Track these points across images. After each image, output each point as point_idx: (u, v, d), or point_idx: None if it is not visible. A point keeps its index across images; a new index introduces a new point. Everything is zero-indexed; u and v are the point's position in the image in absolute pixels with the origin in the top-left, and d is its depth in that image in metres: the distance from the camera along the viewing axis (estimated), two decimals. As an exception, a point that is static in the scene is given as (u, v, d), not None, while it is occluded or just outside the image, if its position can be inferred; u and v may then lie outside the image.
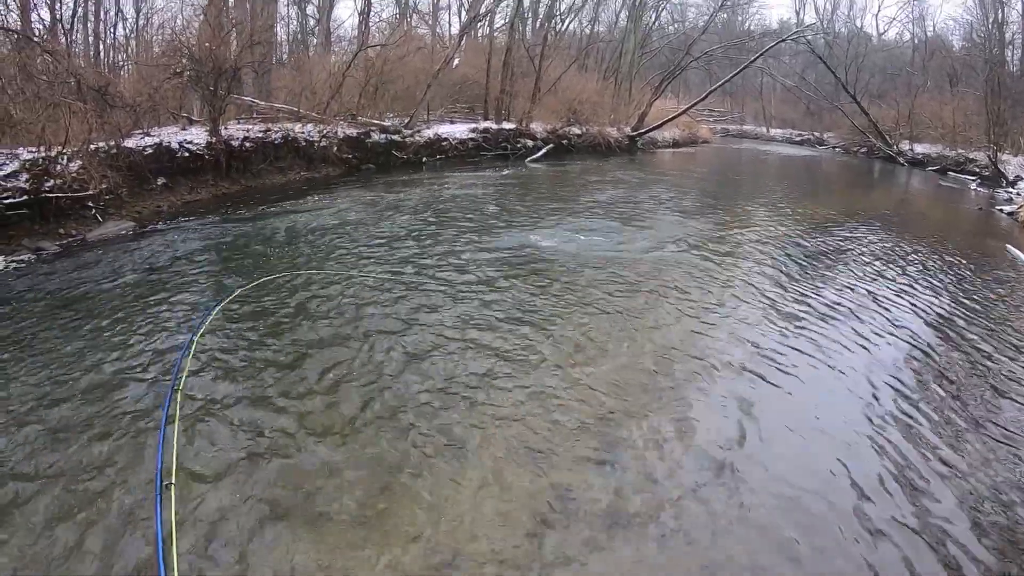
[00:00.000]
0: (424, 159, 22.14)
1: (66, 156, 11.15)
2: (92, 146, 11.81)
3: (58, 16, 16.68)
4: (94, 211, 11.18)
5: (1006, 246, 13.02)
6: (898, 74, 49.42)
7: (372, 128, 21.11)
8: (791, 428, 5.21)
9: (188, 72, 16.35)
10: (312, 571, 3.54)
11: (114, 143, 12.60)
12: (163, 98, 15.75)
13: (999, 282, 10.33)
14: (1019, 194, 20.94)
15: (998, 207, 19.41)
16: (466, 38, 31.03)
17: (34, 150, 10.90)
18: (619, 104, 36.62)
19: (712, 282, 9.22)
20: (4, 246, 9.49)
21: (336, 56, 25.89)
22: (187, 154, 14.39)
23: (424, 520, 3.94)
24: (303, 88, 20.14)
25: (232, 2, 22.19)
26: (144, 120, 14.75)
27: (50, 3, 16.06)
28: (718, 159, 35.95)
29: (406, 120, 23.02)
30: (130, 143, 13.20)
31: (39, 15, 15.75)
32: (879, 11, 71.83)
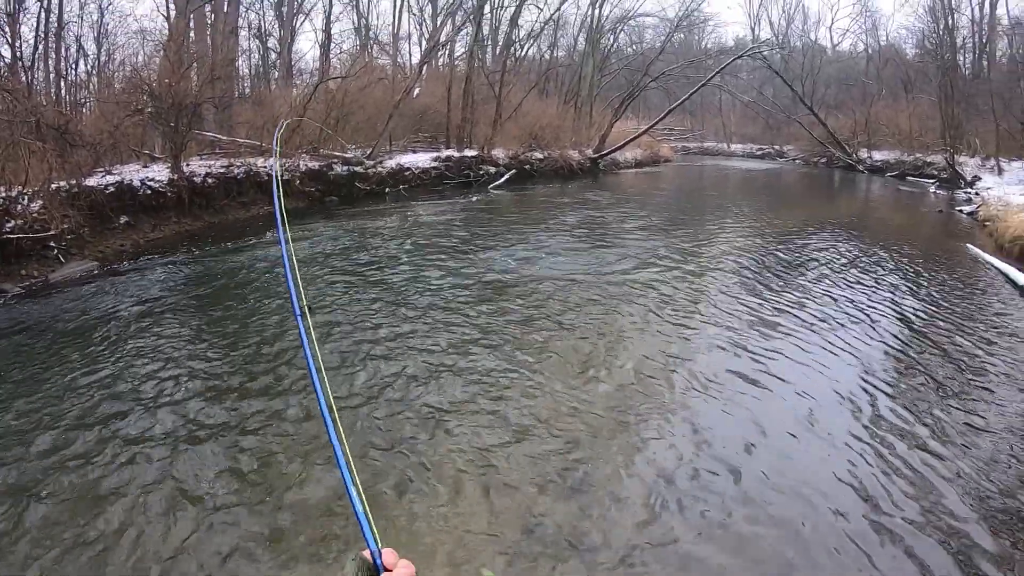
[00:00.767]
0: (387, 189, 22.26)
1: (27, 196, 11.13)
2: (53, 185, 11.79)
3: (19, 54, 16.62)
4: (56, 252, 11.11)
5: (967, 246, 13.50)
6: (853, 84, 50.81)
7: (334, 160, 21.22)
8: (769, 434, 5.35)
9: (149, 108, 16.38)
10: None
11: (75, 182, 12.56)
12: (124, 135, 15.71)
13: (962, 281, 10.74)
14: (977, 194, 21.61)
15: (958, 208, 20.14)
16: (426, 67, 31.42)
17: (-7, 190, 10.87)
18: (580, 127, 37.17)
19: (682, 298, 9.41)
20: (-35, 289, 9.46)
21: (298, 89, 26.05)
22: (149, 192, 14.38)
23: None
24: (265, 122, 20.21)
25: (193, 36, 22.32)
26: (105, 158, 14.70)
27: (10, 41, 16.00)
28: (680, 177, 36.52)
29: (368, 151, 23.17)
30: (91, 182, 13.16)
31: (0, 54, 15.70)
32: (832, 23, 73.88)
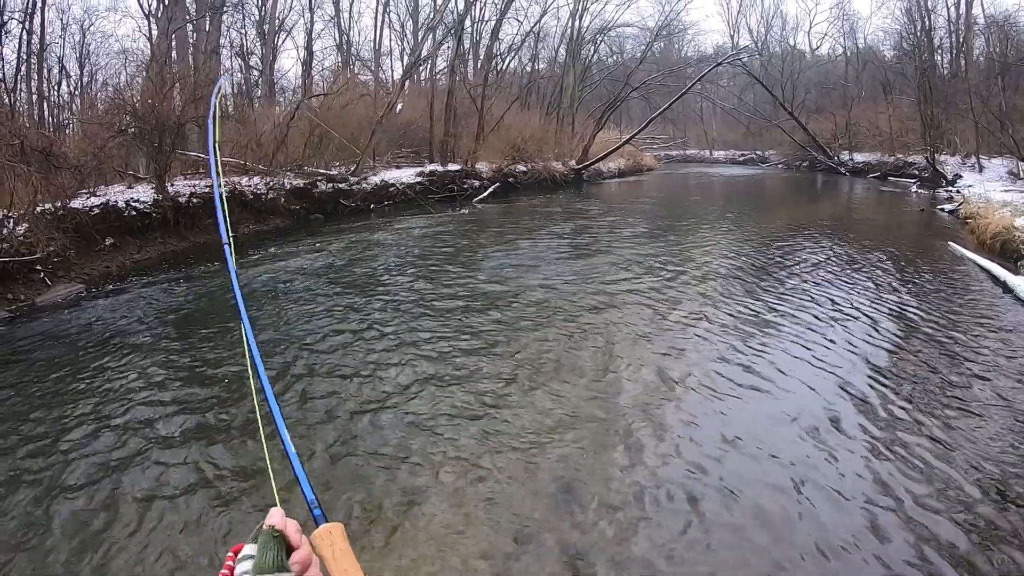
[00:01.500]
0: (372, 206, 22.35)
1: (12, 220, 11.16)
2: (38, 208, 11.83)
3: (0, 76, 16.65)
4: (42, 274, 11.14)
5: (949, 243, 13.74)
6: (833, 87, 51.27)
7: (318, 178, 21.30)
8: (761, 435, 5.41)
9: (132, 129, 16.41)
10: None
11: (60, 204, 12.61)
12: (108, 156, 15.76)
13: (945, 278, 10.93)
14: (959, 192, 21.94)
15: (939, 207, 20.43)
16: (408, 82, 31.51)
17: (-21, 214, 10.91)
18: (563, 138, 37.44)
19: (671, 304, 9.49)
20: (-46, 314, 9.49)
21: (280, 107, 26.16)
22: (134, 212, 14.43)
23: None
24: (248, 140, 20.27)
25: (175, 56, 22.39)
26: (90, 179, 14.76)
27: (-8, 63, 16.07)
28: (664, 185, 36.75)
29: (352, 168, 23.26)
30: (76, 203, 13.20)
31: (-18, 76, 15.75)
32: (811, 28, 74.41)
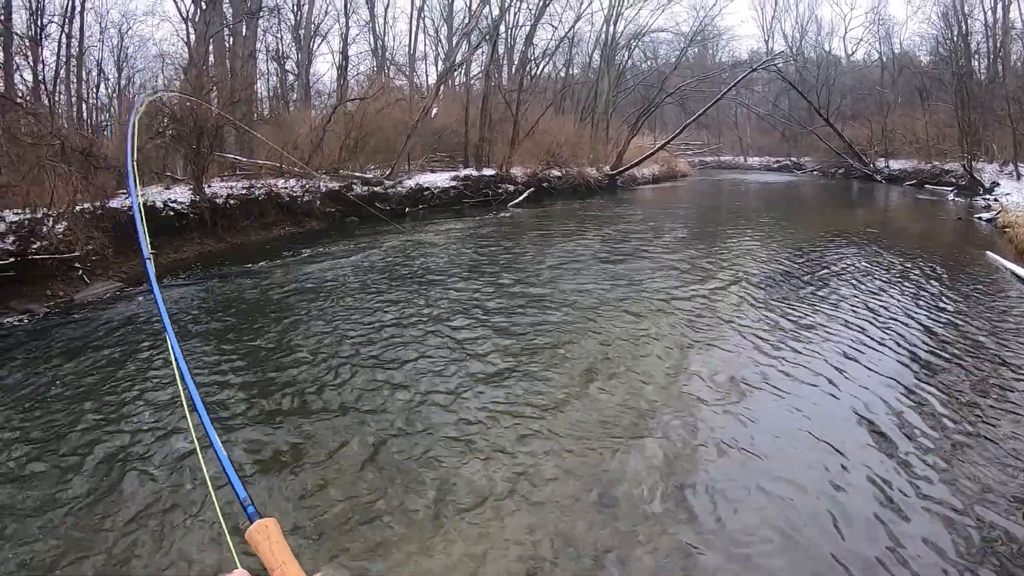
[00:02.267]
0: (407, 209, 22.23)
1: (52, 218, 11.21)
2: (77, 207, 11.87)
3: (40, 78, 16.82)
4: (81, 272, 11.17)
5: (986, 253, 13.26)
6: (869, 93, 50.22)
7: (354, 181, 21.27)
8: (796, 442, 5.29)
9: (171, 131, 16.49)
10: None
11: (99, 204, 12.67)
12: (146, 157, 15.82)
13: (982, 288, 10.55)
14: (996, 200, 21.36)
15: (976, 215, 19.85)
16: (443, 87, 31.46)
17: (20, 212, 10.97)
18: (597, 144, 37.10)
19: (709, 310, 9.28)
20: (-7, 308, 9.53)
21: (316, 111, 26.21)
22: (172, 213, 14.45)
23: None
24: (285, 143, 20.30)
25: (212, 60, 22.53)
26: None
27: (32, 65, 16.21)
28: (699, 192, 36.34)
29: (387, 171, 23.22)
30: (115, 203, 13.23)
31: (22, 77, 15.90)
32: (846, 33, 73.01)
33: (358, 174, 21.99)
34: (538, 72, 37.31)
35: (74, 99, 20.28)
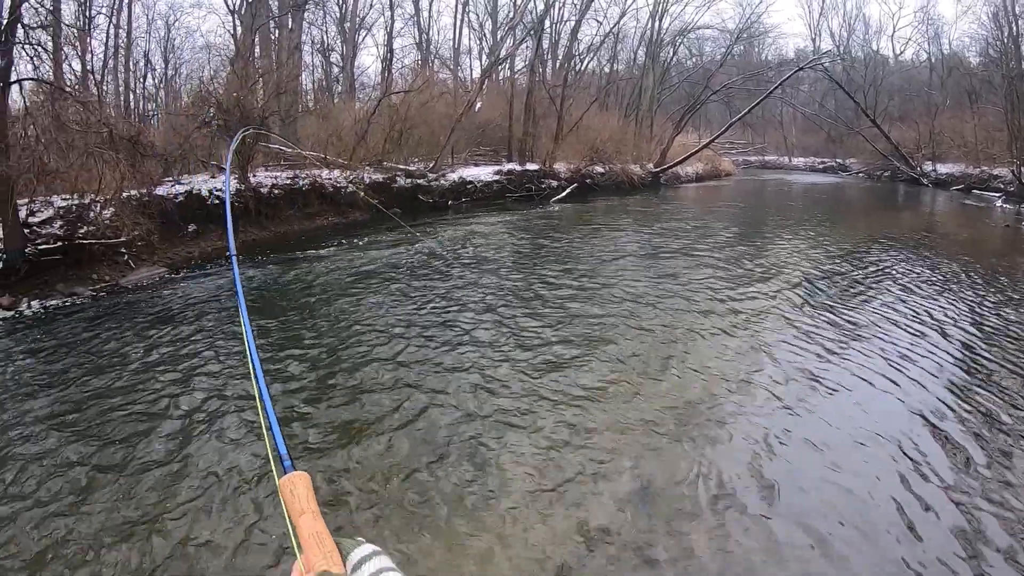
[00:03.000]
0: (450, 202, 22.11)
1: (99, 204, 11.27)
2: (124, 194, 11.90)
3: (89, 67, 16.96)
4: (127, 257, 11.25)
5: None
6: (917, 95, 48.73)
7: (398, 173, 21.17)
8: (835, 446, 5.13)
9: (218, 121, 16.52)
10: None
11: (145, 191, 12.73)
12: (192, 147, 15.91)
13: None
14: (1047, 208, 20.63)
15: (1024, 223, 19.15)
16: (487, 82, 31.27)
17: (68, 198, 11.06)
18: (641, 141, 36.62)
19: (753, 311, 9.08)
20: (39, 291, 9.60)
21: (360, 103, 26.23)
22: (216, 201, 14.43)
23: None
24: (329, 135, 20.30)
25: (258, 52, 22.61)
26: (174, 168, 14.90)
27: (81, 55, 16.34)
28: (744, 191, 35.64)
29: (431, 164, 23.13)
30: (161, 191, 13.33)
31: (70, 66, 16.00)
32: (894, 32, 71.10)
33: (402, 166, 21.88)
34: (582, 68, 36.94)
35: (121, 88, 20.47)
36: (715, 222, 19.71)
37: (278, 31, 25.16)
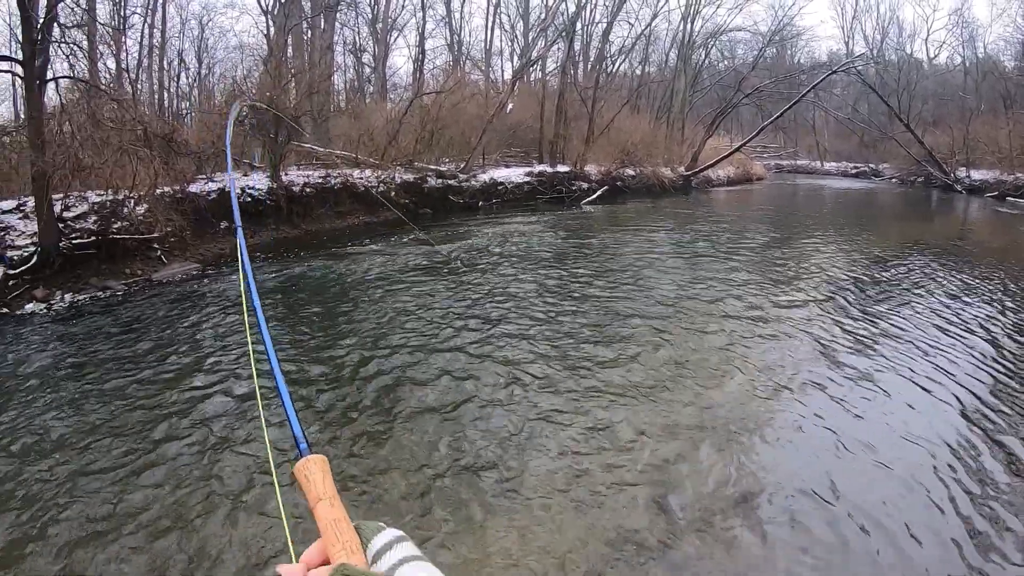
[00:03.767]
0: (480, 203, 21.97)
1: (133, 200, 11.33)
2: (158, 191, 11.96)
3: (124, 66, 17.10)
4: (159, 252, 11.31)
5: None
6: (951, 99, 47.63)
7: (428, 173, 21.11)
8: (862, 454, 4.97)
9: (251, 120, 16.57)
10: None
11: (179, 188, 12.79)
12: (225, 145, 15.92)
13: None
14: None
15: (1060, 231, 18.67)
16: (518, 83, 31.18)
17: (102, 193, 11.12)
18: (672, 144, 36.28)
19: (786, 315, 8.91)
20: (72, 284, 9.64)
21: (392, 103, 26.25)
22: (249, 199, 14.48)
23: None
24: (361, 135, 20.31)
25: (291, 52, 22.71)
26: (207, 166, 14.97)
27: (116, 53, 16.48)
28: (776, 196, 35.11)
29: (462, 165, 23.06)
30: (194, 188, 13.39)
31: (105, 65, 16.15)
32: (928, 36, 69.80)
33: (433, 167, 21.82)
34: (614, 69, 36.75)
35: (156, 87, 20.65)
36: (748, 226, 19.37)
37: (311, 32, 25.32)
